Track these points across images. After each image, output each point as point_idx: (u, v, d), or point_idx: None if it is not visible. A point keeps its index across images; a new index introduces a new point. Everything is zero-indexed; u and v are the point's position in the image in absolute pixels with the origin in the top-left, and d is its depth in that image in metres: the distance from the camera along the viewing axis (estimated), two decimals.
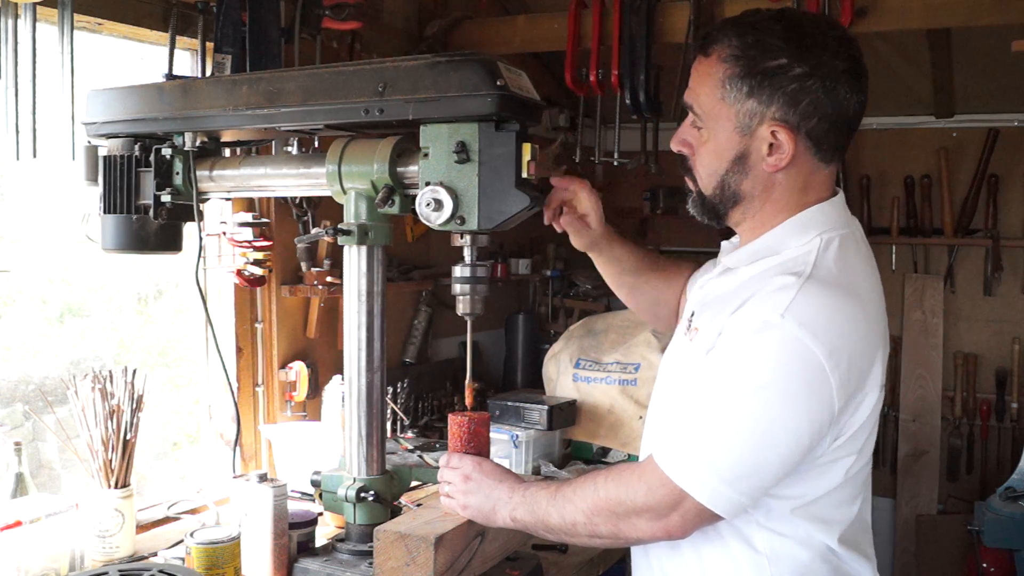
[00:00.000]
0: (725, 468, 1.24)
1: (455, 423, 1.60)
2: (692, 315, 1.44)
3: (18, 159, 1.79)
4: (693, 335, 1.38)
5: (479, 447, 1.60)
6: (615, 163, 3.12)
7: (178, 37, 2.14)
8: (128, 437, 1.88)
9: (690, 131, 1.39)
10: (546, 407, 2.68)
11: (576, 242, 1.69)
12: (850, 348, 1.23)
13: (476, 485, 1.51)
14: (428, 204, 1.49)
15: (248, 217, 2.31)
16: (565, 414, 2.75)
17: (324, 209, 2.49)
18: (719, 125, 1.33)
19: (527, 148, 1.46)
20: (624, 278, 1.76)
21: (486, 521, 1.51)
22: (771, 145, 1.30)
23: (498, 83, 1.44)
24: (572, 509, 1.36)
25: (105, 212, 1.80)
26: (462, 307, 1.60)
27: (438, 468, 1.59)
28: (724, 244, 1.52)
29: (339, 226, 1.65)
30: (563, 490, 1.39)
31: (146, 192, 1.78)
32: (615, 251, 1.73)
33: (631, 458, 1.62)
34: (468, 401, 1.66)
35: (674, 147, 1.41)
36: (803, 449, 1.25)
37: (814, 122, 1.28)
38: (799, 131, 1.29)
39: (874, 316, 1.31)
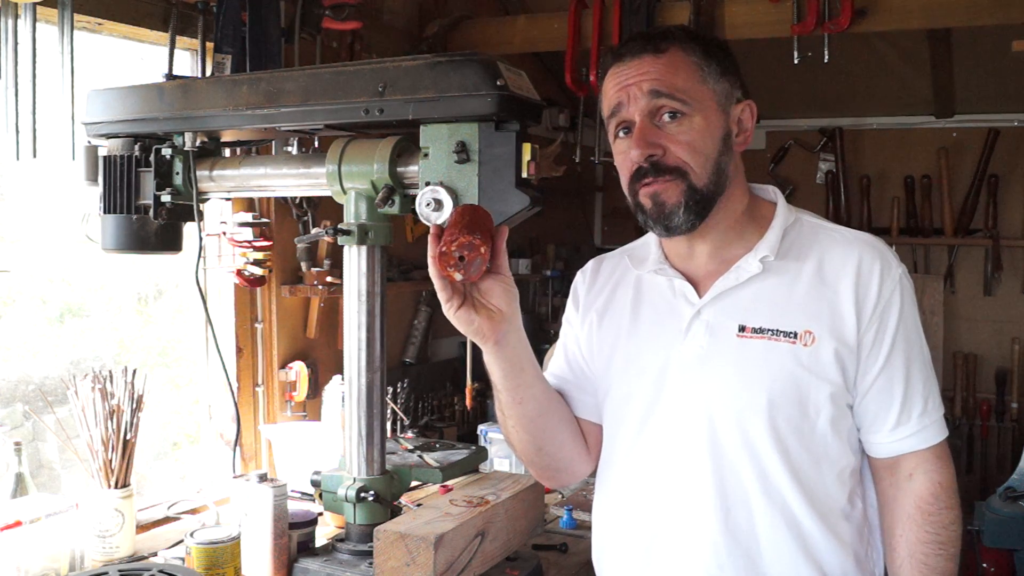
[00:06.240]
0: (938, 397, 1.37)
1: None
2: (741, 326, 1.32)
3: (18, 159, 1.79)
4: (806, 339, 1.29)
5: None
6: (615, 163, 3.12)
7: (178, 37, 2.14)
8: (128, 437, 1.88)
9: (654, 131, 1.28)
10: None
11: (486, 334, 1.28)
12: None
13: None
14: (428, 204, 1.49)
15: (248, 217, 2.31)
16: None
17: (324, 209, 2.49)
18: (704, 106, 1.30)
19: (527, 148, 1.46)
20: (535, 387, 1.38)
21: None
22: (738, 122, 1.34)
23: (498, 83, 1.44)
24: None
25: (105, 212, 1.80)
26: None
27: (438, 468, 1.58)
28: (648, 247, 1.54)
29: (339, 226, 1.65)
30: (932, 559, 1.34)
31: (146, 192, 1.79)
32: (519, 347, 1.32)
33: None
34: (468, 402, 1.67)
35: (642, 152, 1.28)
36: None
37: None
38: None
39: None
